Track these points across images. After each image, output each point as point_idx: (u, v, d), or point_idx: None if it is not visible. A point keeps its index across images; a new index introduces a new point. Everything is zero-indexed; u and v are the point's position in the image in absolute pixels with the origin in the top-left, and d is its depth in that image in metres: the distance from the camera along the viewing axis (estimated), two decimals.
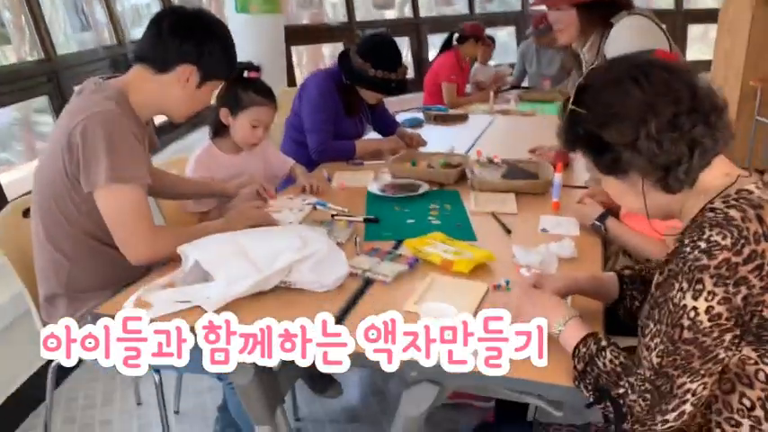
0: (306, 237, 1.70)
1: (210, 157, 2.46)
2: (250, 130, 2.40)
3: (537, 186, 2.45)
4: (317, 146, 2.96)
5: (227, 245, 1.67)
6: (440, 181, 2.59)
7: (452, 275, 1.75)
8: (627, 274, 1.55)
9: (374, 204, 2.37)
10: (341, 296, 1.64)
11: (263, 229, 1.80)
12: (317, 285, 1.64)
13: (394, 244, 2.01)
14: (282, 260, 1.61)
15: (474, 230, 2.11)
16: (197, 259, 1.63)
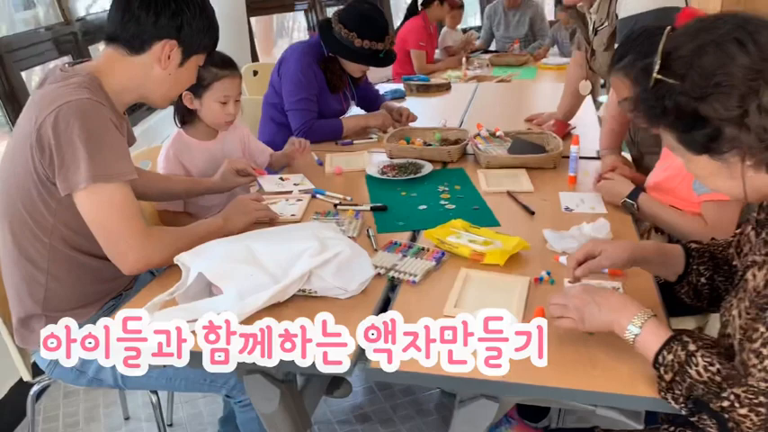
0: (324, 238, 1.50)
1: (183, 147, 2.22)
2: (220, 109, 2.16)
3: (549, 160, 2.29)
4: (300, 126, 2.74)
5: (234, 252, 1.46)
6: (442, 159, 2.41)
7: (485, 269, 1.59)
8: (694, 248, 1.42)
9: (377, 189, 2.18)
10: (368, 302, 1.45)
11: (273, 231, 1.59)
12: (341, 292, 1.45)
13: (411, 235, 1.83)
14: (301, 266, 1.42)
15: (494, 214, 1.94)
16: (201, 271, 1.42)
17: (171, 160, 2.20)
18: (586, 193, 2.07)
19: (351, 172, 2.36)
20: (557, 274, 1.55)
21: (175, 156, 2.20)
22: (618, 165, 2.11)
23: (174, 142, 2.23)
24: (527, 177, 2.20)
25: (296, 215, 1.94)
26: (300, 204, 2.03)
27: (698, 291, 1.40)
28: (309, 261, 1.42)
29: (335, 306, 1.44)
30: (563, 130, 2.69)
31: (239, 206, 1.81)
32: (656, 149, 2.42)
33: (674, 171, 1.88)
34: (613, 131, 2.31)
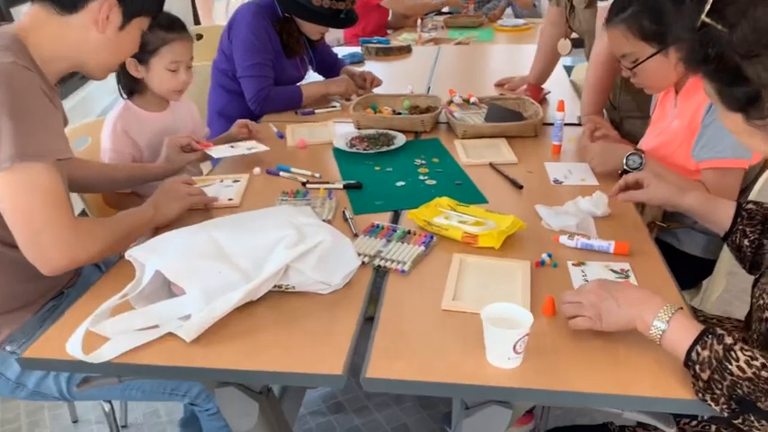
0: (301, 225, 1.32)
1: (132, 119, 1.98)
2: (170, 77, 1.93)
3: (529, 128, 2.15)
4: (255, 94, 2.51)
5: (196, 244, 1.26)
6: (414, 129, 2.23)
7: (480, 253, 1.43)
8: (747, 208, 1.36)
9: (347, 164, 2.00)
10: (354, 297, 1.28)
11: (241, 218, 1.39)
12: (323, 287, 1.28)
13: (392, 215, 1.66)
14: (276, 260, 1.23)
15: (479, 189, 1.79)
16: (158, 269, 1.22)
17: (119, 135, 1.95)
18: (573, 164, 1.94)
19: (316, 145, 2.17)
20: (558, 256, 1.41)
21: (123, 130, 1.96)
22: (603, 124, 1.98)
23: (120, 115, 1.98)
24: (508, 147, 2.05)
25: (234, 199, 1.72)
26: (238, 186, 1.81)
27: (741, 252, 1.35)
28: (286, 254, 1.24)
29: (317, 303, 1.27)
30: (538, 95, 2.55)
31: (169, 192, 1.59)
32: (637, 113, 2.32)
33: (669, 136, 1.77)
34: (596, 94, 2.18)
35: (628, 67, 1.73)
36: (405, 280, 1.35)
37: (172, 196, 1.58)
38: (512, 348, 1.05)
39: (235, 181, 1.85)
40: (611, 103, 2.34)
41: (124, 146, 1.95)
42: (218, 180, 1.85)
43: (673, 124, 1.76)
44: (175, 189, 1.60)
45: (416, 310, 1.24)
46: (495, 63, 3.56)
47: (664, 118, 1.82)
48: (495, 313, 1.10)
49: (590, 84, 2.17)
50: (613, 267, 1.37)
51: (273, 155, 2.06)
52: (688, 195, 1.44)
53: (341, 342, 1.14)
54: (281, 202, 1.70)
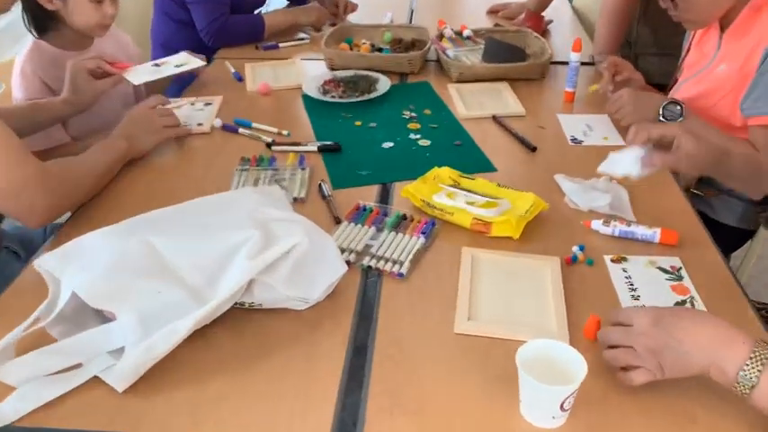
0: (267, 222, 1.01)
1: (45, 60, 1.61)
2: (92, 9, 1.57)
3: (535, 69, 1.83)
4: (208, 24, 2.12)
5: (128, 253, 0.95)
6: (400, 70, 1.89)
7: (494, 244, 1.15)
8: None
9: (320, 117, 1.66)
10: (339, 315, 1.00)
11: (185, 210, 1.06)
12: (299, 303, 0.99)
13: (380, 190, 1.35)
14: (237, 275, 0.93)
15: (483, 151, 1.49)
16: (74, 290, 0.91)
17: (29, 79, 1.60)
18: (591, 116, 1.64)
19: (281, 91, 1.81)
20: (593, 248, 1.14)
21: (34, 73, 1.60)
22: (625, 66, 1.66)
23: (30, 57, 1.61)
24: (512, 94, 1.74)
25: (203, 125, 1.59)
26: (209, 110, 1.68)
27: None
28: (249, 265, 0.93)
29: (291, 325, 0.98)
30: (539, 26, 2.21)
31: (142, 122, 1.45)
32: (654, 50, 2.03)
33: (711, 83, 1.47)
34: (614, 27, 1.86)
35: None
36: (403, 286, 1.07)
37: (145, 128, 1.45)
38: (558, 406, 0.79)
39: (207, 104, 1.71)
40: (626, 39, 2.02)
41: (37, 91, 1.59)
42: (189, 103, 1.72)
43: (718, 69, 1.46)
44: (149, 119, 1.46)
45: (421, 335, 0.96)
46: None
47: (703, 61, 1.52)
48: (533, 354, 0.82)
49: (607, 15, 1.85)
50: (662, 264, 1.11)
51: (231, 104, 1.72)
52: (733, 156, 1.18)
53: (324, 391, 0.87)
54: (241, 172, 1.37)
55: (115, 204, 1.29)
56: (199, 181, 1.37)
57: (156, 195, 1.29)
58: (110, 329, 0.91)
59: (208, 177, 1.38)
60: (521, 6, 2.35)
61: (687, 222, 1.23)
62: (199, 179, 1.38)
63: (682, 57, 1.67)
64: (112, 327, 0.91)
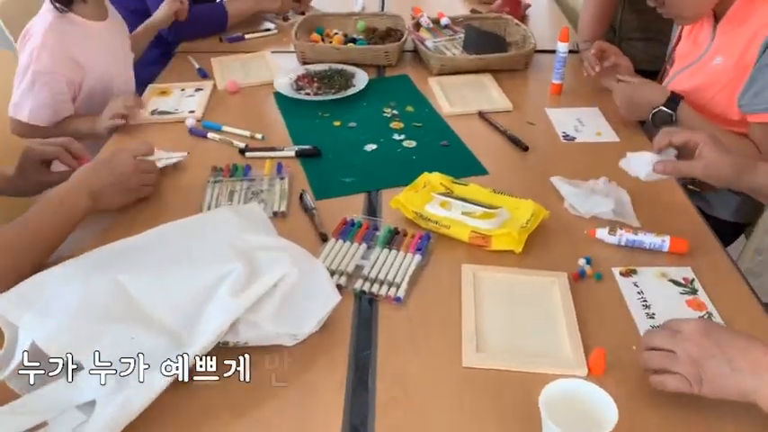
0: (250, 251, 0.90)
1: (72, 33, 1.54)
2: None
3: (519, 60, 1.74)
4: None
5: (95, 294, 0.84)
6: (377, 63, 1.79)
7: (495, 259, 1.07)
8: None
9: (295, 117, 1.55)
10: (333, 348, 0.91)
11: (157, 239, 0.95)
12: (288, 339, 0.90)
13: (366, 200, 1.25)
14: (219, 315, 0.83)
15: (472, 151, 1.40)
16: (35, 339, 0.80)
17: (56, 53, 1.51)
18: (581, 109, 1.56)
19: (252, 87, 1.70)
20: (600, 260, 1.07)
21: (60, 46, 1.52)
22: (611, 50, 1.59)
23: (53, 29, 1.51)
24: (497, 87, 1.65)
25: (195, 112, 1.54)
26: (201, 96, 1.62)
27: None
28: (233, 304, 0.83)
29: (282, 361, 0.89)
30: (518, 12, 2.12)
31: (118, 176, 1.15)
32: (638, 35, 1.96)
33: (707, 76, 1.40)
34: (599, 13, 1.78)
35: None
36: (401, 313, 0.98)
37: (120, 186, 1.16)
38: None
39: (198, 89, 1.66)
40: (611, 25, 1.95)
41: (65, 67, 1.53)
42: (179, 89, 1.66)
43: (713, 62, 1.39)
44: (128, 176, 1.16)
45: (427, 371, 0.87)
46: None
47: (696, 52, 1.45)
48: (557, 396, 0.75)
49: (590, 2, 1.77)
50: (674, 276, 1.04)
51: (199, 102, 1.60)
52: (760, 170, 1.10)
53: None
54: (213, 184, 1.26)
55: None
56: (167, 196, 1.25)
57: (119, 215, 1.18)
58: (78, 381, 0.80)
59: (177, 191, 1.26)
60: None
61: (693, 225, 1.17)
62: (167, 194, 1.26)
63: (672, 45, 1.60)
64: (81, 378, 0.80)
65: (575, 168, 1.31)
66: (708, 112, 1.40)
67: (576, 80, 1.67)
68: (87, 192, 1.11)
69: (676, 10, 1.37)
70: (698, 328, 0.79)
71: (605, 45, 1.60)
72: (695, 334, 0.79)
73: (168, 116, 1.54)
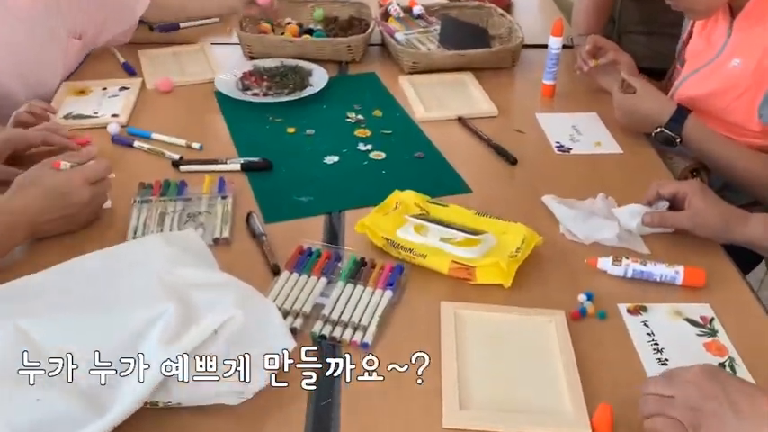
0: (185, 288, 0.87)
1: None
2: None
3: (505, 56, 1.74)
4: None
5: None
6: (338, 58, 1.77)
7: (480, 295, 1.05)
8: None
9: (241, 121, 1.53)
10: (288, 415, 0.87)
11: (69, 274, 0.90)
12: (233, 396, 0.86)
13: (326, 223, 1.23)
14: (146, 371, 0.79)
15: (452, 165, 1.39)
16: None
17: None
18: (577, 115, 1.57)
19: (188, 86, 1.67)
20: (603, 296, 1.06)
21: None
22: (609, 46, 1.61)
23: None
24: (479, 88, 1.65)
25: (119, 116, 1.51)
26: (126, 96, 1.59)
27: None
28: (163, 351, 0.80)
29: (224, 425, 0.85)
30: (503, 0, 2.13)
31: (65, 200, 1.11)
32: (641, 28, 1.99)
33: (721, 82, 1.42)
34: (596, 3, 1.80)
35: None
36: (369, 360, 0.95)
37: (68, 220, 1.13)
38: None
39: (122, 88, 1.63)
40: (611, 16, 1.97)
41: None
42: (100, 89, 1.62)
43: (730, 64, 1.41)
44: (79, 208, 1.12)
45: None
46: None
47: (710, 51, 1.47)
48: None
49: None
50: (689, 315, 1.04)
51: (121, 104, 1.55)
52: (752, 221, 1.14)
53: None
54: (140, 204, 1.22)
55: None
56: None
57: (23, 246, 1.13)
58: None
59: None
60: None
61: (709, 253, 1.17)
62: None
63: (681, 41, 1.62)
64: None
65: (571, 185, 1.32)
66: (724, 120, 1.42)
67: (570, 80, 1.68)
68: (29, 224, 1.09)
69: (688, 3, 1.39)
70: (702, 371, 0.81)
71: (602, 41, 1.61)
72: (698, 376, 0.80)
73: (86, 120, 1.50)
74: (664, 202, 1.19)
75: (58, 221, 1.12)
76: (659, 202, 1.19)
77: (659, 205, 1.19)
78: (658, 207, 1.19)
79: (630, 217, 1.18)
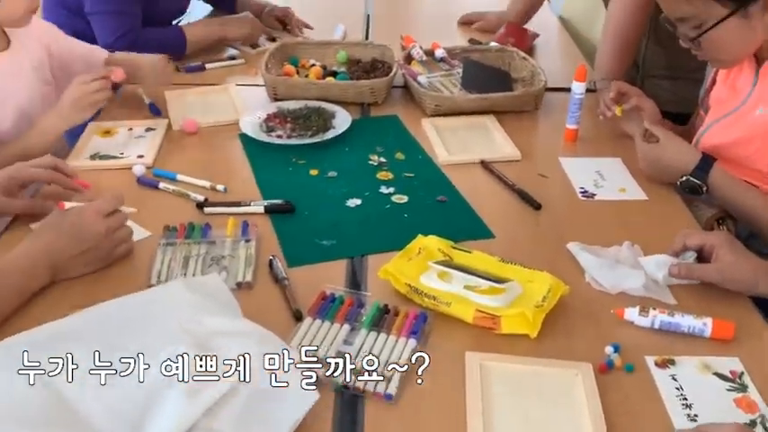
0: (206, 333, 0.86)
1: None
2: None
3: (528, 100, 1.74)
4: (114, 40, 1.95)
5: (17, 394, 0.79)
6: (361, 100, 1.78)
7: (506, 348, 1.03)
8: None
9: (264, 162, 1.53)
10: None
11: (92, 323, 0.90)
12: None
13: (348, 268, 1.22)
14: (170, 422, 0.78)
15: (475, 209, 1.38)
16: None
17: None
18: (601, 159, 1.56)
19: (213, 128, 1.67)
20: (630, 347, 1.04)
21: None
22: (632, 91, 1.60)
23: None
24: (502, 131, 1.64)
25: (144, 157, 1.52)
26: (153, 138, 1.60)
27: None
28: (186, 407, 0.78)
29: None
30: (524, 42, 2.14)
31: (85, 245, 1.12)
32: (665, 72, 1.98)
33: (745, 130, 1.40)
34: (619, 48, 1.79)
35: (688, 36, 1.35)
36: (393, 414, 0.93)
37: (88, 255, 1.13)
38: None
39: (148, 129, 1.64)
40: (634, 60, 1.97)
41: None
42: (126, 129, 1.64)
43: (755, 113, 1.39)
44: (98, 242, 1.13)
45: None
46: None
47: (734, 99, 1.45)
48: None
49: (612, 33, 1.78)
50: (719, 369, 1.01)
51: (146, 147, 1.56)
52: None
53: None
54: (165, 247, 1.22)
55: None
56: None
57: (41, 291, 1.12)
58: None
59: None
60: (499, 17, 2.28)
61: (736, 303, 1.14)
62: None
63: (705, 87, 1.61)
64: None
65: (596, 232, 1.30)
66: (749, 169, 1.40)
67: (593, 124, 1.66)
68: (49, 265, 1.10)
69: (713, 53, 1.38)
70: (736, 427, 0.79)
71: (625, 86, 1.60)
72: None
73: (112, 161, 1.51)
74: (691, 252, 1.17)
75: (78, 259, 1.12)
76: (686, 252, 1.17)
77: (686, 256, 1.17)
78: (685, 258, 1.16)
79: (657, 267, 1.16)
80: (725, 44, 1.35)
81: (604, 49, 1.82)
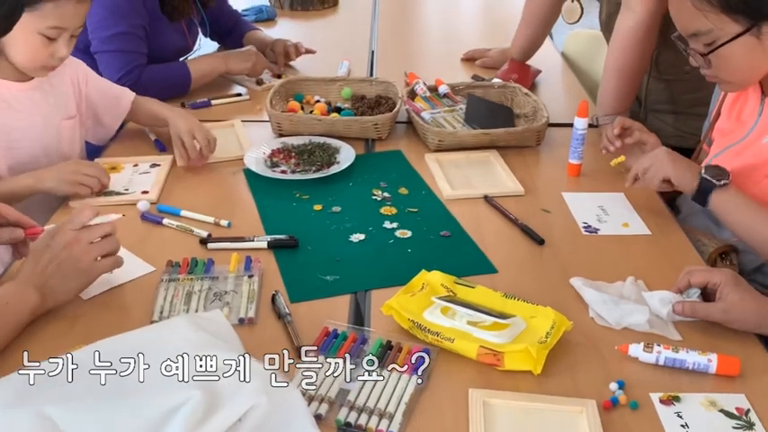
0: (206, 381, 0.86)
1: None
2: (42, 46, 1.46)
3: (530, 135, 1.75)
4: (120, 78, 1.96)
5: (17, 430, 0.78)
6: (365, 136, 1.79)
7: (510, 385, 1.03)
8: None
9: (268, 198, 1.54)
10: None
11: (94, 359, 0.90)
12: None
13: (351, 303, 1.22)
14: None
15: (478, 244, 1.38)
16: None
17: None
18: (603, 195, 1.56)
19: (218, 164, 1.68)
20: (634, 384, 1.03)
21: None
22: (635, 126, 1.60)
23: None
24: (505, 167, 1.65)
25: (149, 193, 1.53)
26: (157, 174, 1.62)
27: None
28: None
29: None
30: (527, 78, 2.15)
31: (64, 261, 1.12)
32: (668, 107, 1.99)
33: (751, 159, 1.40)
34: (621, 85, 1.79)
35: (700, 53, 1.36)
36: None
37: (68, 271, 1.12)
38: None
39: (153, 165, 1.66)
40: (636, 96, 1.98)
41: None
42: (132, 165, 1.66)
43: (761, 141, 1.40)
44: (75, 257, 1.12)
45: None
46: (463, 22, 3.13)
47: (740, 130, 1.46)
48: None
49: (614, 69, 1.79)
50: (725, 406, 1.00)
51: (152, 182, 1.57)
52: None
53: None
54: (168, 283, 1.22)
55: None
56: (107, 299, 1.20)
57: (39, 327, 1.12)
58: None
59: (121, 293, 1.22)
60: (502, 54, 2.30)
61: (741, 339, 1.13)
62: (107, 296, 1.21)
63: (710, 120, 1.62)
64: None
65: (599, 267, 1.30)
66: (753, 196, 1.39)
67: (596, 160, 1.67)
68: (32, 287, 1.10)
69: (723, 72, 1.38)
70: None
71: (628, 121, 1.61)
72: None
73: (117, 197, 1.52)
74: (695, 289, 1.16)
75: (60, 278, 1.11)
76: (690, 289, 1.17)
77: (690, 293, 1.16)
78: (689, 295, 1.16)
79: (661, 304, 1.15)
80: (735, 62, 1.35)
81: (606, 87, 1.82)
